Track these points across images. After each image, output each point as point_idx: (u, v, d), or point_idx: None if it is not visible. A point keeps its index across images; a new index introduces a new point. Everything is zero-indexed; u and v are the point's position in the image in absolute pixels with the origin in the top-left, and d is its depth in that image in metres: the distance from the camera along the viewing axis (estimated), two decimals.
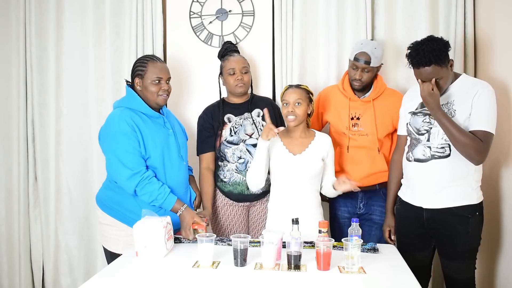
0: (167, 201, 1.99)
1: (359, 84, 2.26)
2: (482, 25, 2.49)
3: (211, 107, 2.45)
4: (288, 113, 2.10)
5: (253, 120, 2.36)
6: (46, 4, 2.86)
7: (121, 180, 1.98)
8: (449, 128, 1.85)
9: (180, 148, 2.16)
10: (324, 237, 1.74)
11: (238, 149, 2.32)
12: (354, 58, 2.23)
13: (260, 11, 2.70)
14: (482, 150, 1.85)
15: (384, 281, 1.61)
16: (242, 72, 2.35)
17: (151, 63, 2.08)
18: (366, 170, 2.28)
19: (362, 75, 2.23)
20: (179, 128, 2.26)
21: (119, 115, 2.01)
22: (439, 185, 1.96)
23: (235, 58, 2.38)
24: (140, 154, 1.99)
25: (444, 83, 1.91)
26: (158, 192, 1.97)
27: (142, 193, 1.97)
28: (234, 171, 2.34)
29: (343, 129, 2.32)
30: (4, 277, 2.95)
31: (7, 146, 2.93)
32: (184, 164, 2.17)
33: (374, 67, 2.23)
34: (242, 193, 2.34)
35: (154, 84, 2.06)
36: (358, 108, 2.30)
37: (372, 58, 2.19)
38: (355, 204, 2.34)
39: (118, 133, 1.97)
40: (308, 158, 2.12)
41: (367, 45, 2.22)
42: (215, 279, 1.62)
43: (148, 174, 1.98)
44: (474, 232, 1.97)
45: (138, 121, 2.00)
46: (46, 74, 2.88)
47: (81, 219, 2.90)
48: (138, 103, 2.06)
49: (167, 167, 2.07)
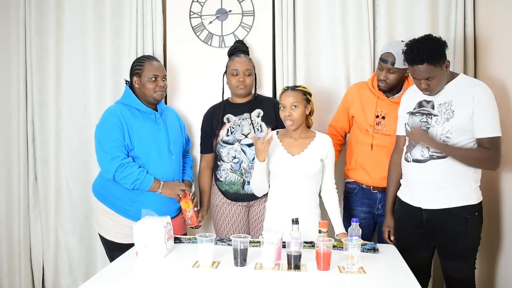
0: (145, 181, 2.14)
1: (384, 85, 2.23)
2: (482, 25, 2.49)
3: (212, 108, 2.49)
4: (285, 118, 2.10)
5: (251, 121, 2.36)
6: (46, 4, 2.86)
7: (102, 165, 2.16)
8: (455, 154, 1.90)
9: (170, 143, 2.26)
10: (324, 237, 1.74)
11: (232, 149, 2.34)
12: (380, 59, 2.22)
13: (260, 11, 2.70)
14: (493, 157, 1.89)
15: (384, 281, 1.62)
16: (245, 74, 2.36)
17: (147, 62, 2.25)
18: (384, 170, 2.25)
19: (387, 76, 2.20)
20: (175, 124, 2.38)
21: (110, 109, 2.22)
22: (438, 186, 1.95)
23: (240, 59, 2.39)
24: (122, 144, 2.14)
25: (436, 84, 1.91)
26: (137, 172, 2.13)
27: (122, 176, 2.11)
28: (229, 171, 2.36)
29: (366, 126, 2.30)
30: (4, 277, 2.95)
31: (7, 146, 2.93)
32: (173, 159, 2.27)
33: (399, 68, 2.18)
34: (237, 192, 2.35)
35: (151, 81, 2.22)
36: (384, 107, 2.28)
37: (397, 59, 2.14)
38: (373, 205, 2.33)
39: (104, 124, 2.17)
40: (306, 158, 2.12)
41: (395, 46, 2.18)
42: (215, 279, 1.62)
43: (127, 160, 2.14)
44: (474, 232, 1.97)
45: (128, 115, 2.17)
46: (46, 74, 2.88)
47: (81, 219, 2.90)
48: (133, 100, 2.23)
49: (152, 159, 2.20)
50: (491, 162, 1.92)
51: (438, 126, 1.94)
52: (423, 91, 1.96)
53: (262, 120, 2.38)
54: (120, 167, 2.11)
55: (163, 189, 2.18)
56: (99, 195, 2.25)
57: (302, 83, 2.63)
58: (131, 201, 2.18)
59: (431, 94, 1.97)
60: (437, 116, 1.95)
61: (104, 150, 2.13)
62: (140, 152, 2.18)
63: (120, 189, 2.17)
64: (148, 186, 2.15)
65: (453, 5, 2.54)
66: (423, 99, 2.02)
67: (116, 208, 2.20)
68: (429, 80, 1.89)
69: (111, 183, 2.18)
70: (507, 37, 2.19)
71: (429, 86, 1.91)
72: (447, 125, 1.92)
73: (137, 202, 2.17)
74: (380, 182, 2.28)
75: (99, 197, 2.25)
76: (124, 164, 2.11)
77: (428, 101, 2.00)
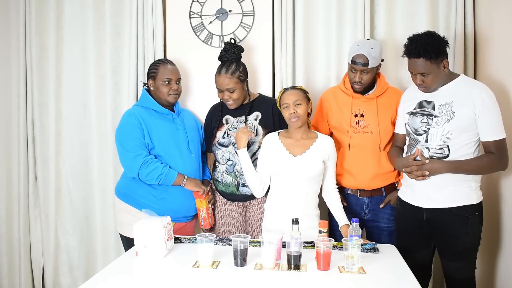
0: (169, 175, 2.18)
1: (359, 87, 2.22)
2: (482, 24, 2.49)
3: (213, 108, 2.50)
4: (290, 115, 2.10)
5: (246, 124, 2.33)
6: (46, 4, 2.86)
7: (126, 164, 2.20)
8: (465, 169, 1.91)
9: (189, 141, 2.31)
10: (324, 237, 1.74)
11: (227, 151, 2.34)
12: (352, 61, 2.18)
13: (260, 11, 2.70)
14: (501, 160, 1.91)
15: (384, 281, 1.61)
16: (229, 91, 2.29)
17: (162, 66, 2.31)
18: (372, 170, 2.24)
19: (361, 77, 2.18)
20: (192, 124, 2.43)
21: (128, 112, 2.27)
22: (438, 185, 1.95)
23: (220, 78, 2.29)
24: (143, 143, 2.19)
25: (431, 81, 1.92)
26: (161, 167, 2.17)
27: (147, 172, 2.15)
28: (224, 172, 2.36)
29: (346, 127, 2.27)
30: (4, 277, 2.95)
31: (7, 146, 2.93)
32: (193, 157, 2.31)
33: (374, 67, 2.18)
34: (233, 193, 2.36)
35: (165, 84, 2.27)
36: (361, 105, 2.26)
37: (370, 59, 2.13)
38: (360, 210, 2.30)
39: (124, 125, 2.22)
40: (308, 159, 2.12)
41: (363, 46, 2.16)
42: (215, 279, 1.62)
43: (150, 157, 2.19)
44: (474, 232, 1.97)
45: (146, 116, 2.22)
46: (46, 74, 2.88)
47: (81, 219, 2.90)
48: (150, 102, 2.29)
49: (173, 156, 2.24)
50: (500, 165, 1.94)
51: (439, 127, 1.94)
52: (418, 87, 1.98)
53: (260, 123, 2.35)
54: (144, 163, 2.14)
55: (188, 182, 2.22)
56: (123, 196, 2.28)
57: (301, 83, 2.63)
58: (156, 198, 2.22)
59: (426, 91, 1.98)
60: (438, 117, 1.95)
61: (126, 150, 2.17)
62: (161, 150, 2.22)
63: (144, 187, 2.21)
64: (173, 180, 2.19)
65: (453, 4, 2.55)
66: (423, 99, 2.02)
67: (142, 207, 2.17)
68: (424, 76, 1.91)
69: (135, 183, 2.22)
70: (507, 37, 2.19)
71: (423, 82, 1.93)
72: (447, 126, 1.92)
73: (162, 199, 2.22)
74: (367, 183, 2.25)
75: (123, 198, 2.27)
76: (147, 160, 2.15)
77: (429, 102, 2.00)
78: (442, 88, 1.98)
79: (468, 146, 1.93)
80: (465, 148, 1.92)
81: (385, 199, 2.28)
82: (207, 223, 2.30)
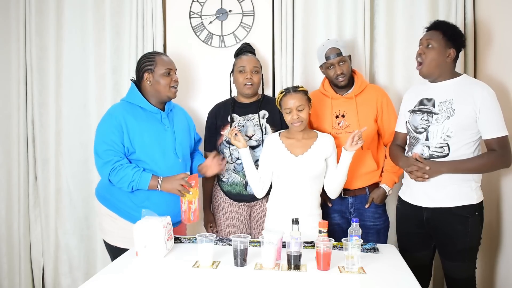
0: (142, 180, 2.02)
1: (343, 78, 2.25)
2: (482, 23, 2.50)
3: (217, 106, 2.46)
4: (293, 120, 2.09)
5: (259, 122, 2.34)
6: (46, 4, 2.86)
7: (98, 169, 2.09)
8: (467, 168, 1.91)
9: (177, 145, 2.15)
10: (324, 237, 1.74)
11: (236, 150, 2.30)
12: (326, 58, 2.25)
13: (260, 11, 2.70)
14: (503, 157, 1.91)
15: (384, 281, 1.61)
16: (252, 72, 2.33)
17: (158, 57, 2.14)
18: (355, 170, 2.24)
19: (341, 68, 2.24)
20: (183, 125, 2.26)
21: (110, 111, 2.11)
22: (438, 185, 1.95)
23: (247, 58, 2.37)
24: (117, 148, 2.03)
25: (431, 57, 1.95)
26: (132, 173, 2.01)
27: (117, 179, 2.02)
28: (232, 171, 2.34)
29: (329, 129, 2.29)
30: (4, 277, 2.95)
31: (7, 146, 2.93)
32: (179, 162, 2.15)
33: (346, 55, 2.26)
34: (240, 193, 2.34)
35: (165, 76, 2.11)
36: (341, 106, 2.29)
37: (341, 48, 2.24)
38: (345, 210, 2.31)
39: (102, 125, 2.08)
40: (310, 159, 2.12)
41: (329, 42, 2.28)
42: (215, 279, 1.62)
43: (120, 162, 2.03)
44: (474, 232, 1.97)
45: (129, 117, 2.05)
46: (46, 74, 2.88)
47: (81, 219, 2.90)
48: (138, 98, 2.11)
49: (156, 161, 2.08)
50: (503, 162, 1.93)
51: (439, 124, 1.94)
52: (418, 58, 2.01)
53: (267, 122, 2.36)
54: (112, 171, 2.01)
55: (162, 185, 2.03)
56: (102, 198, 2.16)
57: (300, 83, 2.63)
58: (136, 206, 2.06)
59: (422, 73, 2.01)
60: (438, 115, 1.95)
61: (98, 155, 2.05)
62: (143, 154, 2.06)
63: (124, 192, 2.07)
64: (147, 185, 2.02)
65: (453, 4, 2.55)
66: (424, 97, 2.03)
67: (121, 212, 2.10)
68: (428, 47, 1.96)
69: (114, 186, 2.08)
70: (507, 36, 2.19)
71: (424, 53, 1.97)
72: (447, 124, 1.92)
73: (142, 207, 1.99)
74: (352, 183, 2.25)
75: (103, 201, 2.15)
76: (116, 167, 2.01)
77: (429, 99, 2.01)
78: (443, 84, 1.98)
79: (468, 146, 1.93)
80: (465, 147, 1.92)
81: (369, 197, 2.29)
82: (196, 215, 2.14)
